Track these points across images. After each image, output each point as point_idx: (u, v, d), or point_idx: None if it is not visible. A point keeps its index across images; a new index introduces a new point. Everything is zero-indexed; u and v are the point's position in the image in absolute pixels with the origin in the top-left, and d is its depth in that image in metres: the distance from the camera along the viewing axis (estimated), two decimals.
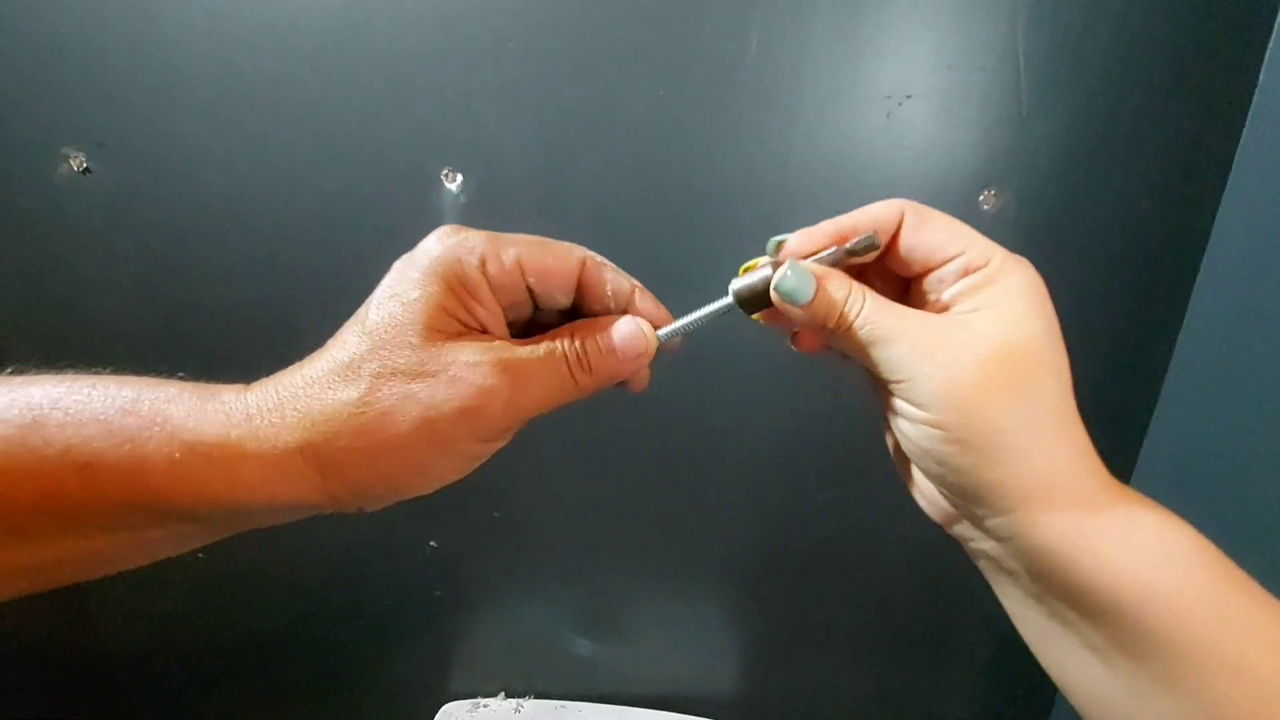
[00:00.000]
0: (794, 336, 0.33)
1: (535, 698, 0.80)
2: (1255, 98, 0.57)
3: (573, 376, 0.29)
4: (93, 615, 0.76)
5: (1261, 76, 0.57)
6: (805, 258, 0.29)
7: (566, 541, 0.74)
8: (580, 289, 0.31)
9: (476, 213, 0.63)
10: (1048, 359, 0.27)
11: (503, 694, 0.81)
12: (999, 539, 0.27)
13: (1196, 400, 0.63)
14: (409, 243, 0.63)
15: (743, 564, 0.75)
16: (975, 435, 0.26)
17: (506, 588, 0.77)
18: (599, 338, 0.30)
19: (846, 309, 0.28)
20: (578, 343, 0.30)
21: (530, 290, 0.31)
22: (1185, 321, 0.63)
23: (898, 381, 0.27)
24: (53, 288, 0.67)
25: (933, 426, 0.26)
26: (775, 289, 0.29)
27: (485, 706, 0.79)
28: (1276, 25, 0.56)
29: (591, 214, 0.64)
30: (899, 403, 0.28)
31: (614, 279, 0.32)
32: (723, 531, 0.74)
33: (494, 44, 0.59)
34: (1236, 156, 0.59)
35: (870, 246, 0.29)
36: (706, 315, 0.32)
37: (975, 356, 0.26)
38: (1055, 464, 0.26)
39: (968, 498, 0.27)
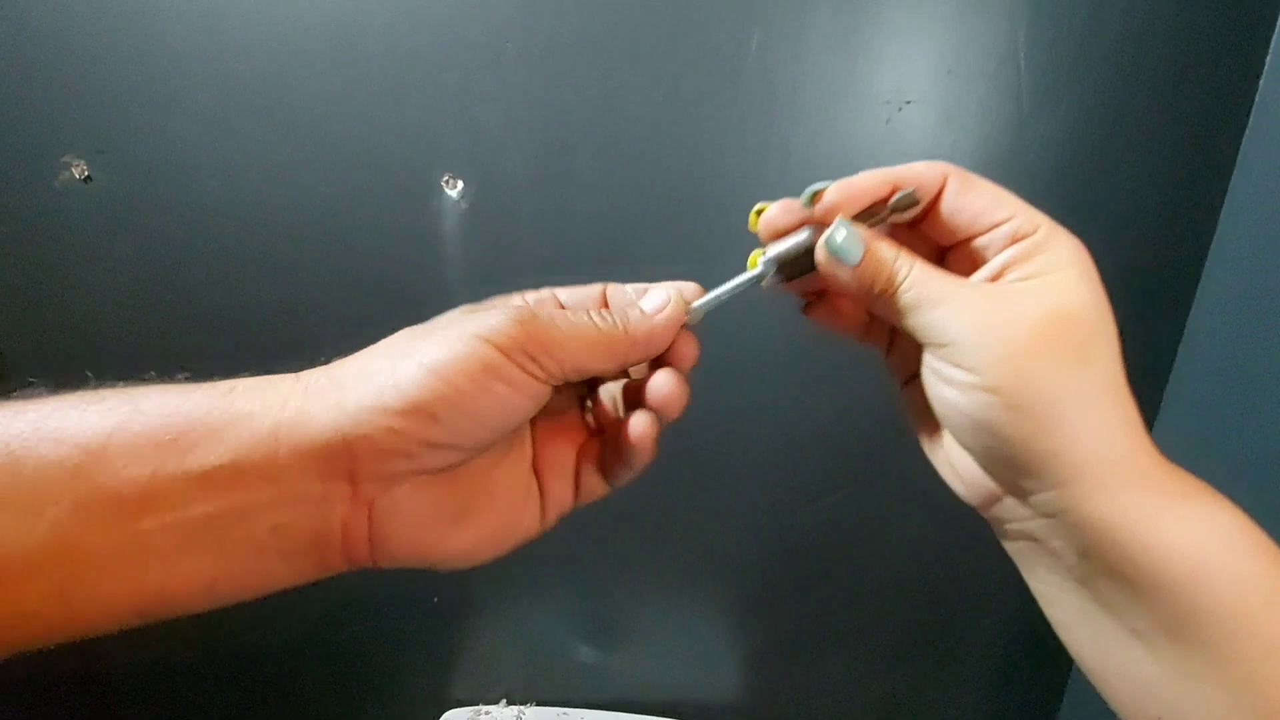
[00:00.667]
0: (808, 305, 0.33)
1: (537, 705, 0.80)
2: (1258, 99, 0.57)
3: (599, 329, 0.28)
4: None
5: (1264, 78, 0.57)
6: (848, 216, 0.28)
7: (569, 546, 0.74)
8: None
9: (477, 219, 0.63)
10: (1101, 329, 0.26)
11: (504, 701, 0.81)
12: (1047, 515, 0.26)
13: (1201, 406, 0.62)
14: (410, 249, 0.64)
15: (746, 569, 0.75)
16: (1032, 401, 0.25)
17: (508, 594, 0.77)
18: (630, 304, 0.31)
19: (895, 269, 0.27)
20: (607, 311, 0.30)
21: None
22: (1189, 327, 0.63)
23: (947, 345, 0.26)
24: (54, 294, 0.67)
25: (987, 392, 0.25)
26: (826, 246, 0.27)
27: (487, 714, 0.79)
28: (1278, 27, 0.56)
29: (592, 219, 0.64)
30: (947, 369, 0.26)
31: (635, 294, 0.32)
32: (726, 537, 0.73)
33: (493, 47, 0.59)
34: (1239, 160, 0.59)
35: (912, 202, 0.27)
36: (735, 287, 0.30)
37: (1032, 321, 0.25)
38: (1110, 435, 0.25)
39: (1018, 470, 0.26)
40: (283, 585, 0.26)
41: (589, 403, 0.33)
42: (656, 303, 0.30)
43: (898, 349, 0.33)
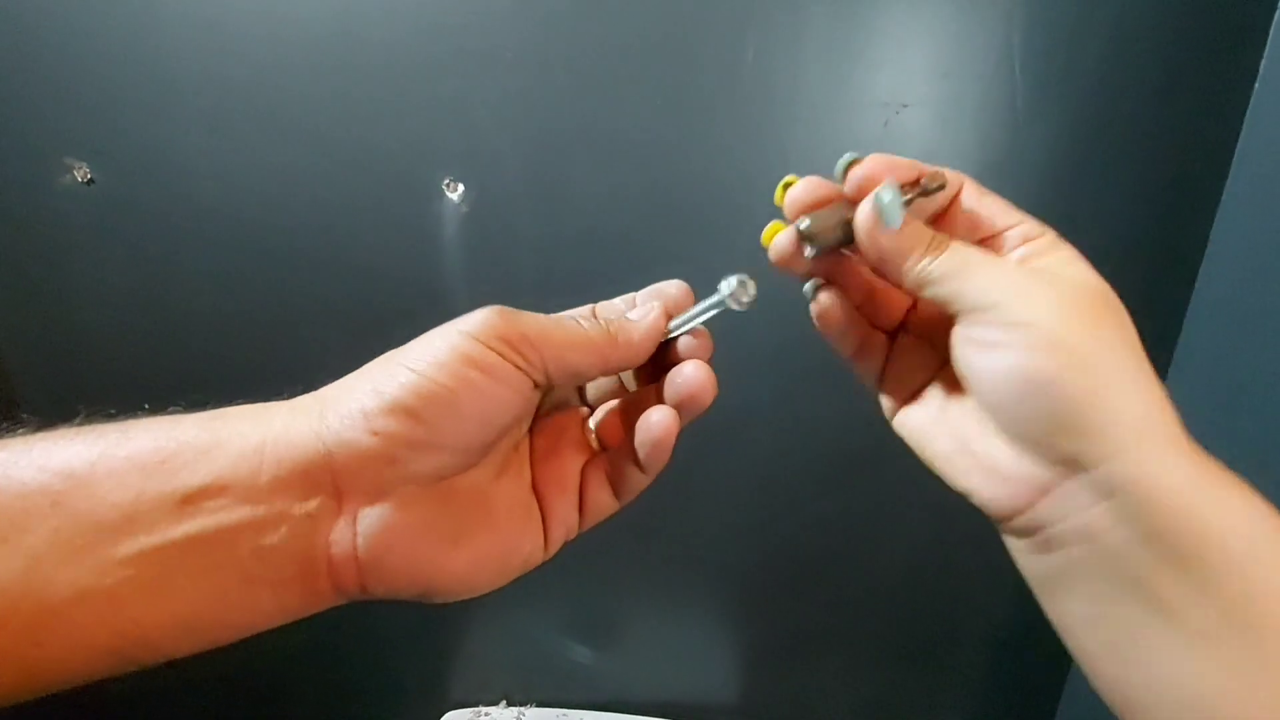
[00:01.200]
0: (821, 288, 0.32)
1: (537, 706, 0.80)
2: (1253, 100, 0.57)
3: (581, 326, 0.28)
4: None
5: (1258, 80, 0.57)
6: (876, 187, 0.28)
7: (566, 548, 0.74)
8: None
9: (477, 222, 0.64)
10: (1124, 312, 0.26)
11: (504, 702, 0.81)
12: (1107, 494, 0.24)
13: (1195, 413, 0.62)
14: (410, 252, 0.64)
15: (742, 572, 0.75)
16: (1091, 352, 0.24)
17: (507, 595, 0.76)
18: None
19: (934, 235, 0.27)
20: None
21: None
22: (1183, 331, 0.63)
23: (991, 308, 0.25)
24: (56, 296, 0.68)
25: (1047, 345, 0.24)
26: (874, 203, 0.27)
27: (487, 715, 0.79)
28: (1273, 27, 0.56)
29: (590, 222, 0.64)
30: (993, 333, 0.25)
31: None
32: (721, 539, 0.73)
33: (491, 53, 0.59)
34: (1234, 161, 0.59)
35: (941, 185, 0.28)
36: (708, 308, 0.30)
37: (1072, 285, 0.26)
38: (1161, 401, 0.25)
39: (1079, 434, 0.24)
40: (268, 620, 0.25)
41: (591, 423, 0.33)
42: (641, 309, 0.30)
43: (898, 361, 0.33)
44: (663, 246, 0.64)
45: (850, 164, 0.28)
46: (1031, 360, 0.24)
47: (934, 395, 0.31)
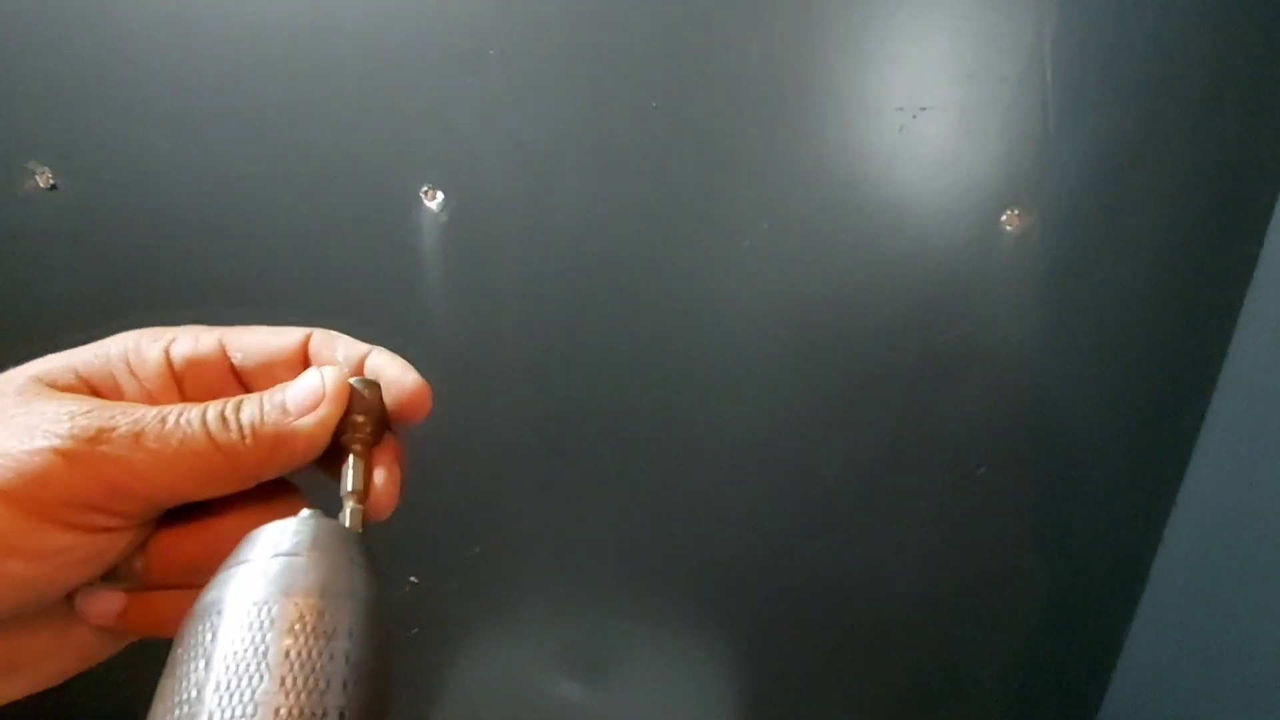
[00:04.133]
0: None
1: None
2: None
3: (212, 440, 0.20)
4: None
5: None
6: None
7: (551, 580, 0.70)
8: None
9: (458, 232, 0.60)
10: None
11: None
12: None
13: (1242, 435, 0.57)
14: (387, 262, 0.60)
15: (737, 606, 0.70)
16: None
17: (489, 626, 0.73)
18: (266, 393, 0.22)
19: None
20: (229, 403, 0.22)
21: (241, 373, 0.25)
22: (1228, 358, 0.58)
23: None
24: (18, 304, 0.65)
25: None
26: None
27: None
28: None
29: (578, 234, 0.60)
30: None
31: (347, 347, 0.25)
32: (716, 572, 0.69)
33: (475, 52, 0.55)
34: None
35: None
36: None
37: None
38: None
39: None
40: None
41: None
42: (301, 396, 0.22)
43: None
44: (656, 260, 0.60)
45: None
46: None
47: None
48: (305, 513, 0.20)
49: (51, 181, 0.61)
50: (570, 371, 0.63)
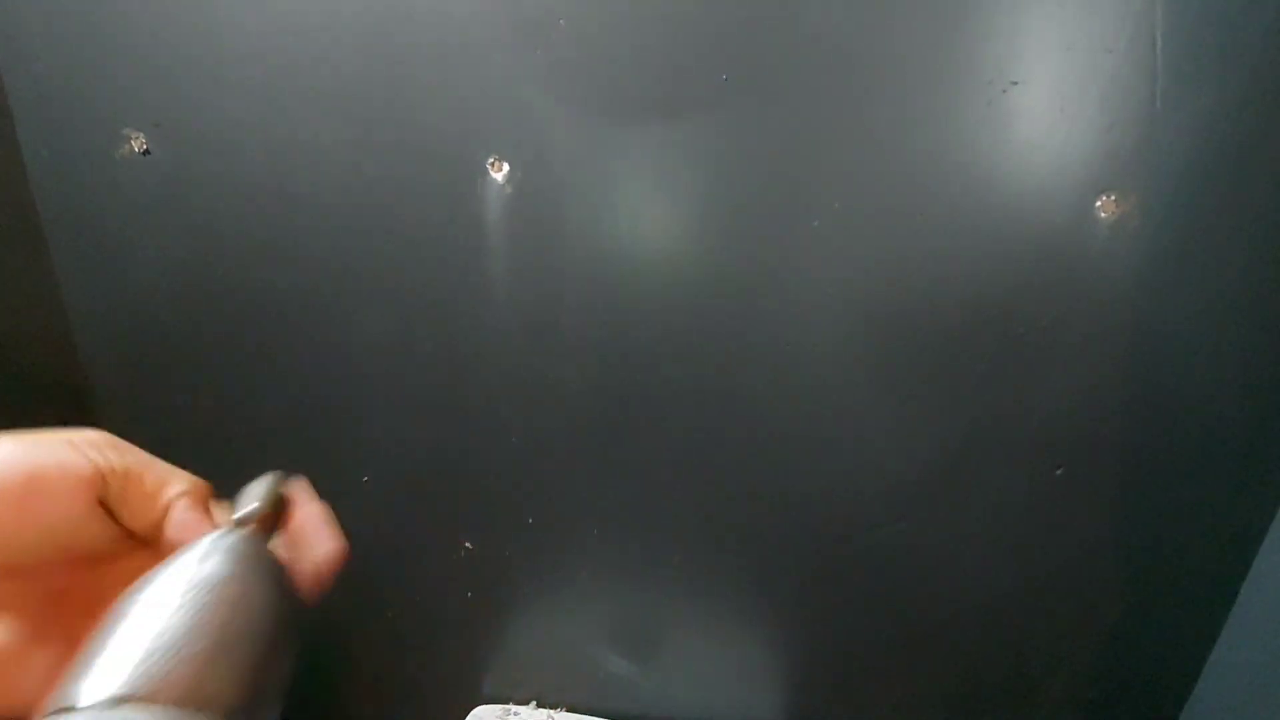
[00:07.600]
0: None
1: (568, 710, 0.77)
2: None
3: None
4: None
5: None
6: None
7: (603, 554, 0.70)
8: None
9: (523, 204, 0.59)
10: None
11: (534, 703, 0.78)
12: None
13: None
14: (453, 233, 0.61)
15: (793, 594, 0.69)
16: None
17: (541, 596, 0.74)
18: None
19: None
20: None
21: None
22: None
23: None
24: (115, 263, 0.68)
25: None
26: None
27: (516, 714, 0.77)
28: None
29: (644, 208, 0.58)
30: None
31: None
32: (774, 557, 0.68)
33: (544, 22, 0.55)
34: None
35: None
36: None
37: None
38: None
39: None
40: None
41: None
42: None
43: None
44: (727, 237, 0.58)
45: None
46: None
47: None
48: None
49: (145, 147, 0.64)
50: (632, 347, 0.62)
